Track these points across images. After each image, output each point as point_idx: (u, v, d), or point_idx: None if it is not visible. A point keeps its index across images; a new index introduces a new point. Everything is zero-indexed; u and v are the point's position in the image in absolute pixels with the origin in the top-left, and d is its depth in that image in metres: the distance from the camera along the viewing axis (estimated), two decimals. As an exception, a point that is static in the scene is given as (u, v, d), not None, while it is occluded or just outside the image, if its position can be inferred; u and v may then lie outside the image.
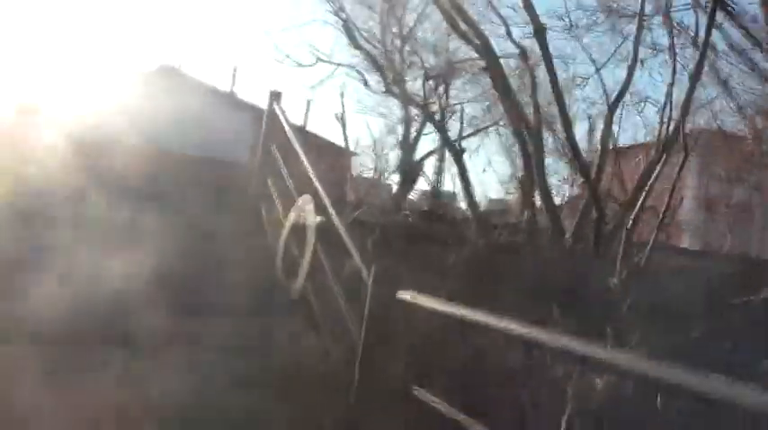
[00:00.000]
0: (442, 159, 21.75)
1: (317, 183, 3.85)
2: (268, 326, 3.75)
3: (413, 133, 18.55)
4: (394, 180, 17.11)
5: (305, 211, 4.01)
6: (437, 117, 5.21)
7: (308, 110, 17.74)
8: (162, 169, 5.55)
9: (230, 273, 4.33)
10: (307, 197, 4.08)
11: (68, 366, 2.94)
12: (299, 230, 4.13)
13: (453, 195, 17.08)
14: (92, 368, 2.99)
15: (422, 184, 16.77)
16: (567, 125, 4.74)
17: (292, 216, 4.23)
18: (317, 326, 3.40)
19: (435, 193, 18.60)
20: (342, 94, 12.28)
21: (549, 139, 7.01)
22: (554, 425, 2.70)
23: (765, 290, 5.72)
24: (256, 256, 4.43)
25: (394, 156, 16.85)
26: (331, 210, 3.47)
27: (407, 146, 20.82)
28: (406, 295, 2.48)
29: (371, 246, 4.62)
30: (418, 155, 19.03)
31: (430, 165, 18.20)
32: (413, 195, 18.46)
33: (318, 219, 3.91)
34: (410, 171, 19.22)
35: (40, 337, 3.04)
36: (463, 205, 13.41)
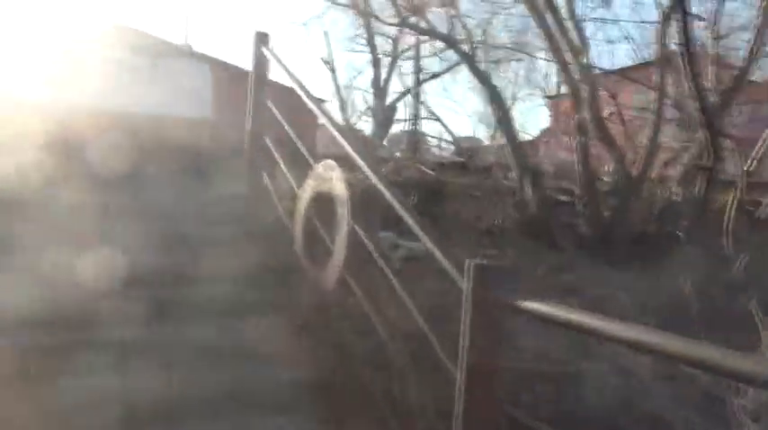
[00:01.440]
0: (418, 99, 20.83)
1: (345, 144, 3.01)
2: (303, 329, 2.99)
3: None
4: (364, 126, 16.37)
5: (330, 179, 3.18)
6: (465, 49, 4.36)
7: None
8: (128, 135, 4.65)
9: (242, 259, 3.54)
10: (330, 162, 3.27)
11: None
12: (322, 203, 3.33)
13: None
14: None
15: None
16: (686, 29, 3.62)
17: (311, 185, 3.41)
18: (373, 331, 2.64)
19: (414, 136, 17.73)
20: (326, 34, 11.25)
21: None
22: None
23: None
24: (271, 239, 3.62)
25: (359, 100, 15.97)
26: (375, 179, 2.65)
27: (379, 88, 19.80)
28: (533, 305, 1.72)
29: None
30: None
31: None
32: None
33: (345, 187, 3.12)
34: (384, 115, 18.28)
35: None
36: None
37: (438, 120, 5.24)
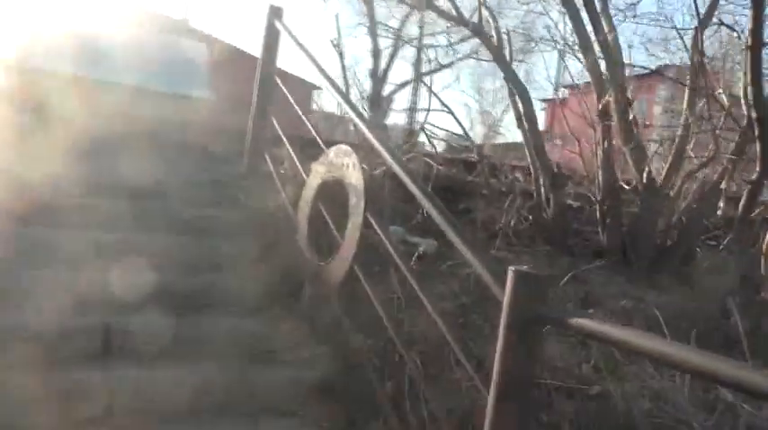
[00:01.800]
0: (416, 93, 20.67)
1: (366, 131, 2.83)
2: (304, 324, 2.81)
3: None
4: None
5: (343, 166, 3.00)
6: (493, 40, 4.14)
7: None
8: (120, 105, 4.45)
9: (238, 246, 3.35)
10: (344, 148, 3.09)
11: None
12: (331, 191, 3.16)
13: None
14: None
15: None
16: (758, 28, 3.29)
17: (320, 171, 3.23)
18: (383, 332, 2.47)
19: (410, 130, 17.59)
20: (337, 17, 11.00)
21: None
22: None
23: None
24: (272, 226, 3.43)
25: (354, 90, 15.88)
26: (399, 170, 2.47)
27: (377, 78, 19.63)
28: (583, 322, 1.56)
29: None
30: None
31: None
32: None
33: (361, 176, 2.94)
34: (381, 105, 18.11)
35: None
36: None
37: (450, 112, 5.06)
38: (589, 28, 4.09)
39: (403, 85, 19.56)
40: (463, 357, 2.12)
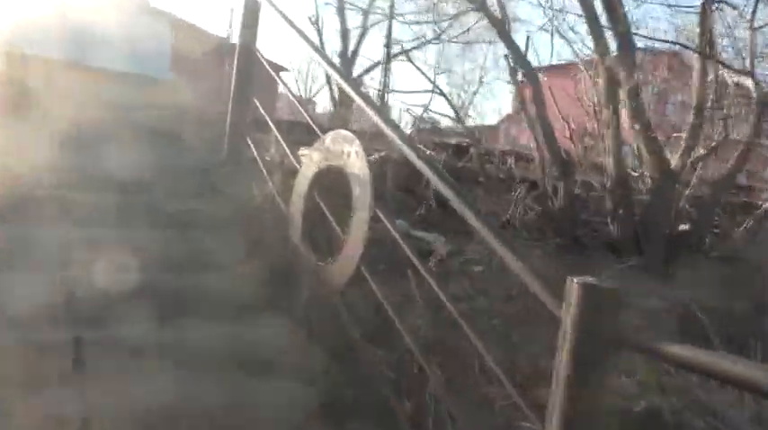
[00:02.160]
0: (387, 74, 20.34)
1: (371, 113, 2.54)
2: (302, 333, 2.52)
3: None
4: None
5: (342, 154, 2.70)
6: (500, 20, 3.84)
7: (232, 19, 15.78)
8: (79, 86, 4.05)
9: (226, 242, 3.03)
10: (344, 133, 2.79)
11: None
12: (329, 182, 2.86)
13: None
14: None
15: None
16: None
17: (316, 159, 2.91)
18: (398, 343, 2.20)
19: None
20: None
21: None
22: None
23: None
24: (259, 219, 3.11)
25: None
26: (414, 157, 2.19)
27: (346, 59, 19.23)
28: (672, 348, 1.32)
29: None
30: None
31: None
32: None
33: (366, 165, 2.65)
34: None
35: None
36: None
37: (442, 94, 4.78)
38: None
39: (372, 67, 19.21)
40: (500, 372, 1.87)
